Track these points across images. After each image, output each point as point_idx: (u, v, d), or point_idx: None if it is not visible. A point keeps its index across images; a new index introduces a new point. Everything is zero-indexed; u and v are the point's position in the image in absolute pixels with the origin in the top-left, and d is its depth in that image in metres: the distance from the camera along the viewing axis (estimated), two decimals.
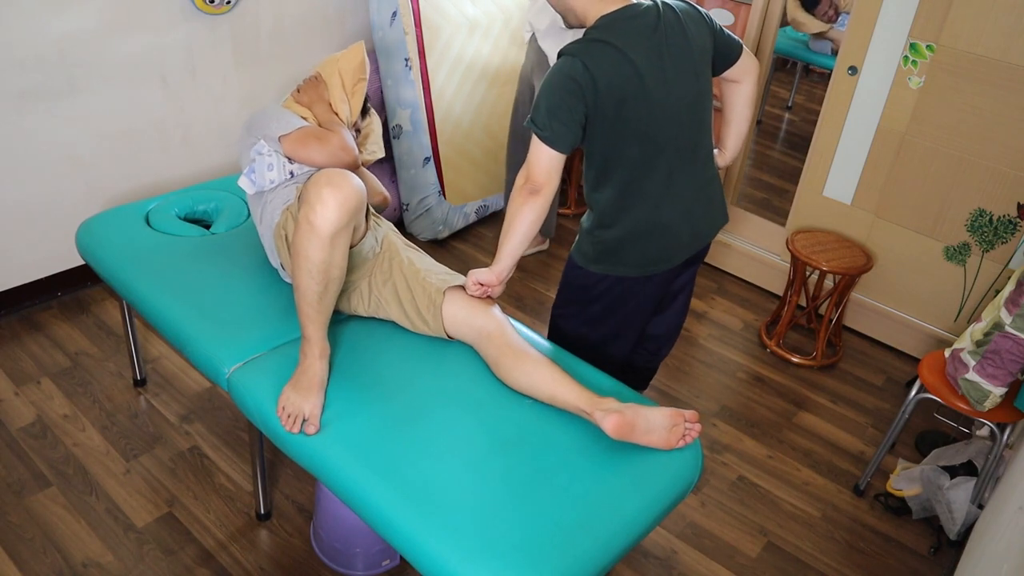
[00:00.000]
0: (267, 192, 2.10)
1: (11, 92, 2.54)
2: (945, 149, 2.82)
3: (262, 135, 2.11)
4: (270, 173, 2.09)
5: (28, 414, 2.44)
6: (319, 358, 1.75)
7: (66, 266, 2.93)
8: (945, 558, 2.29)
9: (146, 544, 2.08)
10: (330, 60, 2.28)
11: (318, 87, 2.24)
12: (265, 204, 2.08)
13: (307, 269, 1.70)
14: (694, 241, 1.96)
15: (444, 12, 3.28)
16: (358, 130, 2.34)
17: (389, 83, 3.25)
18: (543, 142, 1.72)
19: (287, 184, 2.09)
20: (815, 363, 3.03)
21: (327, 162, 2.07)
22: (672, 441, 1.69)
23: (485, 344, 1.87)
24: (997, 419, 2.17)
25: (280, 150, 2.10)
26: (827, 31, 4.82)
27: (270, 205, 2.06)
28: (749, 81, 1.99)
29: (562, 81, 1.69)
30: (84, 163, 2.80)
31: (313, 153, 2.07)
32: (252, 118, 2.18)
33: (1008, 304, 2.08)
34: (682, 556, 2.21)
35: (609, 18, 1.72)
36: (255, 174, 2.09)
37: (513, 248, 1.84)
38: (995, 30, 2.59)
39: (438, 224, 3.50)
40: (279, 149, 2.10)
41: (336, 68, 2.25)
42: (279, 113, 2.14)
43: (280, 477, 2.31)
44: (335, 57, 2.28)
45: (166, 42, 2.82)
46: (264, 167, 2.09)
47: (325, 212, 1.66)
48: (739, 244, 3.52)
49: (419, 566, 1.49)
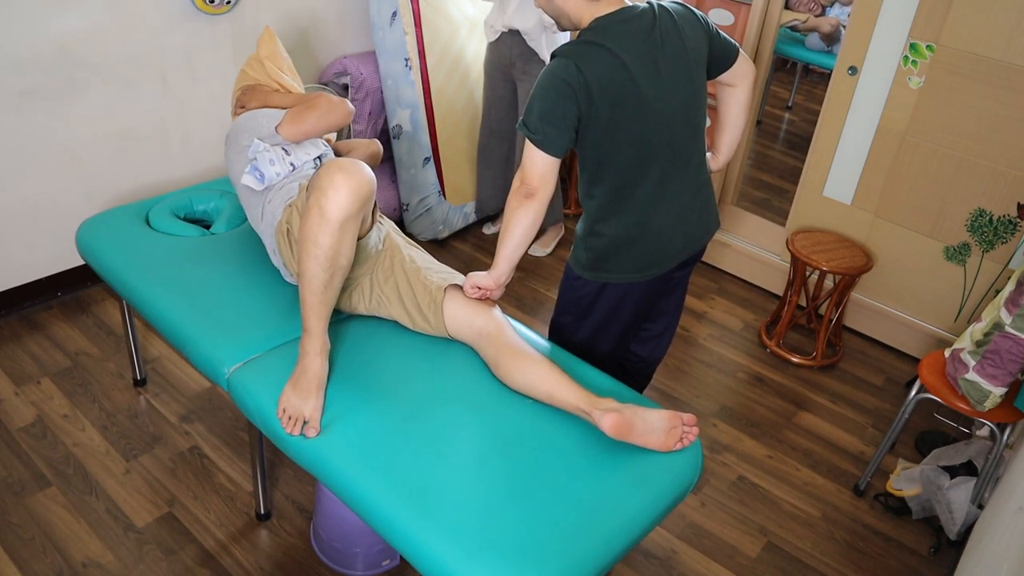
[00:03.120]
0: (268, 191, 2.10)
1: (11, 92, 2.54)
2: (945, 149, 2.82)
3: (255, 136, 2.14)
4: (273, 167, 2.10)
5: (28, 414, 2.44)
6: (319, 354, 1.74)
7: (66, 266, 2.93)
8: (945, 558, 2.29)
9: (146, 544, 2.08)
10: (247, 65, 2.41)
11: (256, 89, 2.34)
12: (266, 203, 2.08)
13: (315, 255, 1.68)
14: (687, 246, 1.95)
15: (444, 12, 3.28)
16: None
17: (389, 83, 3.25)
18: (536, 146, 1.71)
19: (289, 178, 2.09)
20: (815, 363, 3.03)
21: (329, 122, 2.16)
22: (670, 443, 1.69)
23: (485, 344, 1.87)
24: (997, 419, 2.17)
25: (276, 143, 2.13)
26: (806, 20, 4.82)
27: (271, 204, 2.06)
28: (745, 85, 1.98)
29: (555, 83, 1.67)
30: (84, 163, 2.80)
31: (312, 121, 2.14)
32: (232, 129, 2.25)
33: (1008, 304, 2.08)
34: (682, 556, 2.21)
35: (603, 20, 1.70)
36: (258, 172, 2.10)
37: (510, 252, 1.84)
38: (995, 30, 2.59)
39: (438, 224, 3.51)
40: (276, 142, 2.13)
41: (259, 62, 2.38)
42: (260, 114, 2.22)
43: (280, 477, 2.31)
44: (250, 58, 2.41)
45: (166, 42, 2.82)
46: (266, 162, 2.10)
47: (337, 197, 1.65)
48: (739, 244, 3.52)
49: (419, 566, 1.49)
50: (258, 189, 2.10)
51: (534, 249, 3.60)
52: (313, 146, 2.19)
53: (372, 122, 3.39)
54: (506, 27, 3.07)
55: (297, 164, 2.12)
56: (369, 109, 3.34)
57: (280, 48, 2.44)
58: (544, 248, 3.60)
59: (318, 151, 2.18)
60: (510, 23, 3.04)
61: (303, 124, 2.15)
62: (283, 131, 2.15)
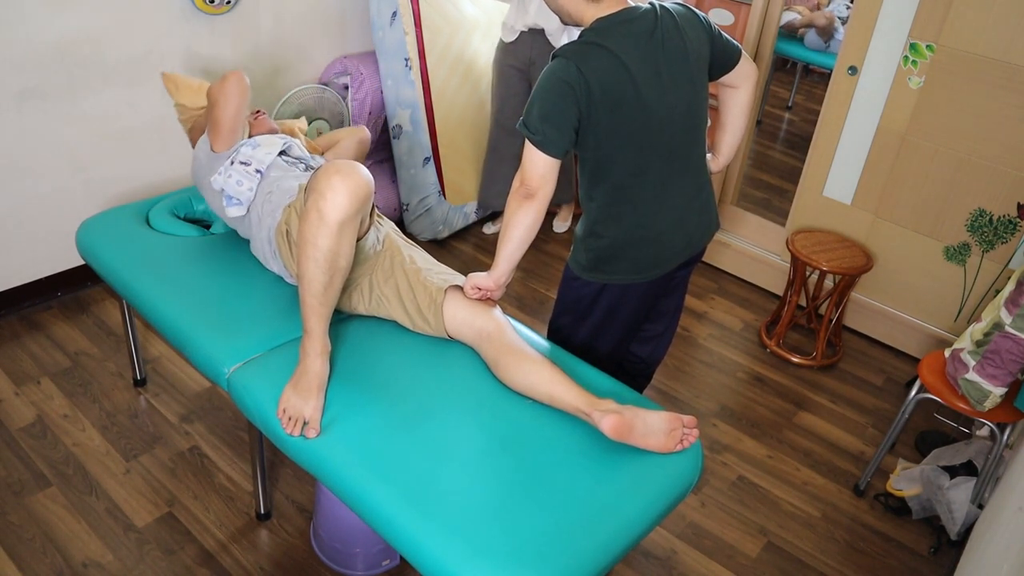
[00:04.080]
0: (256, 206, 2.10)
1: (11, 92, 2.54)
2: (945, 149, 2.82)
3: (208, 169, 2.20)
4: (240, 187, 2.13)
5: (28, 414, 2.44)
6: (320, 356, 1.74)
7: (66, 266, 2.93)
8: (945, 558, 2.29)
9: (146, 544, 2.08)
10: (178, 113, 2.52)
11: (185, 113, 2.46)
12: (262, 217, 2.08)
13: (314, 258, 1.68)
14: (686, 248, 1.95)
15: (444, 12, 3.28)
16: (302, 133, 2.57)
17: (389, 83, 3.25)
18: (536, 146, 1.71)
19: (266, 184, 2.11)
20: (815, 363, 3.03)
21: (229, 100, 2.18)
22: (670, 445, 1.69)
23: (485, 345, 1.87)
24: (997, 419, 2.17)
25: (227, 162, 2.16)
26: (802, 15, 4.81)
27: (268, 215, 2.06)
28: (747, 87, 1.98)
29: (555, 84, 1.67)
30: (84, 163, 2.80)
31: (218, 114, 2.19)
32: (195, 182, 2.31)
33: (1008, 304, 2.08)
34: (682, 556, 2.21)
35: (605, 22, 1.70)
36: (233, 199, 2.14)
37: (510, 253, 1.84)
38: (995, 30, 2.59)
39: (438, 224, 3.51)
40: (226, 162, 2.16)
41: (182, 106, 2.48)
42: (197, 153, 2.29)
43: (280, 477, 2.31)
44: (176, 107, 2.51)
45: (166, 42, 2.82)
46: (233, 185, 2.13)
47: (335, 199, 1.65)
48: (739, 244, 3.52)
49: (419, 566, 1.49)
50: (244, 213, 2.13)
51: (557, 225, 3.80)
52: (269, 144, 2.19)
53: (372, 122, 3.39)
54: (527, 26, 3.13)
55: (263, 168, 2.14)
56: (369, 109, 3.34)
57: (182, 79, 2.48)
58: (563, 223, 3.79)
59: (277, 147, 2.19)
60: (533, 22, 3.09)
61: (215, 124, 2.19)
62: (214, 146, 2.20)
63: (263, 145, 2.19)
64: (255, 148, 2.17)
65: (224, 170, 2.14)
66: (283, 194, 2.04)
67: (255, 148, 2.17)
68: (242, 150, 2.16)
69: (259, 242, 2.11)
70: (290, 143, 2.25)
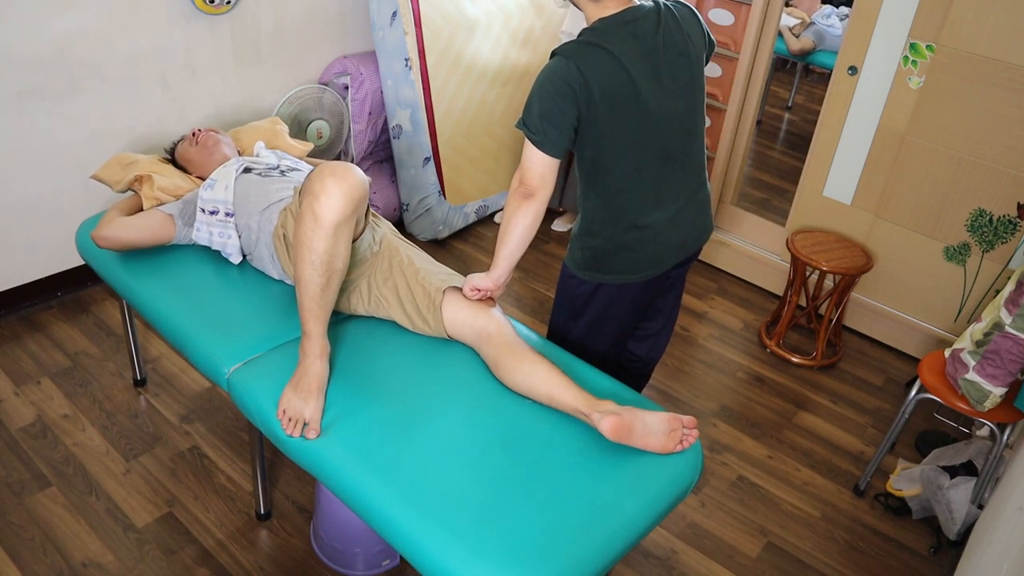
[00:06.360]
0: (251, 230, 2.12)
1: (11, 92, 2.54)
2: (945, 149, 2.82)
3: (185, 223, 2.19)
4: (224, 239, 2.15)
5: (28, 414, 2.44)
6: (319, 357, 1.74)
7: (66, 266, 2.93)
8: (945, 558, 2.29)
9: (146, 544, 2.08)
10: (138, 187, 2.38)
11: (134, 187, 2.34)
12: (261, 233, 2.09)
13: (310, 260, 1.68)
14: (682, 249, 1.95)
15: (444, 12, 3.28)
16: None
17: (389, 83, 3.25)
18: (535, 146, 1.71)
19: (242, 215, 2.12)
20: (815, 363, 3.03)
21: (132, 240, 2.15)
22: (669, 446, 1.69)
23: (484, 345, 1.87)
24: (997, 419, 2.17)
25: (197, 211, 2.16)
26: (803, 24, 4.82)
27: (266, 224, 2.07)
28: None
29: (555, 83, 1.67)
30: (84, 163, 2.80)
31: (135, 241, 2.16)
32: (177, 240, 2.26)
33: (1008, 304, 2.08)
34: (682, 556, 2.21)
35: (606, 22, 1.70)
36: (227, 248, 2.16)
37: (509, 253, 1.83)
38: (995, 30, 2.59)
39: (438, 224, 3.51)
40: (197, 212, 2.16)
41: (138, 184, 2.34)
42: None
43: (280, 477, 2.31)
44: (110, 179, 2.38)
45: (166, 42, 2.82)
46: (217, 239, 2.15)
47: (329, 202, 1.65)
48: (739, 244, 3.52)
49: (419, 566, 1.49)
50: (248, 252, 2.15)
51: (557, 224, 3.79)
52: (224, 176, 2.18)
53: (372, 122, 3.39)
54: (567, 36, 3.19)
55: (230, 208, 2.14)
56: (369, 109, 3.34)
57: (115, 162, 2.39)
58: (568, 224, 3.79)
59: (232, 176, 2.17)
60: (570, 29, 3.15)
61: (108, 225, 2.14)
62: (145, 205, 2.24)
63: (219, 180, 2.17)
64: (212, 188, 2.17)
65: (199, 226, 2.17)
66: (278, 198, 2.06)
67: (212, 188, 2.17)
68: (203, 195, 2.16)
69: (257, 251, 2.12)
70: (245, 160, 2.25)
